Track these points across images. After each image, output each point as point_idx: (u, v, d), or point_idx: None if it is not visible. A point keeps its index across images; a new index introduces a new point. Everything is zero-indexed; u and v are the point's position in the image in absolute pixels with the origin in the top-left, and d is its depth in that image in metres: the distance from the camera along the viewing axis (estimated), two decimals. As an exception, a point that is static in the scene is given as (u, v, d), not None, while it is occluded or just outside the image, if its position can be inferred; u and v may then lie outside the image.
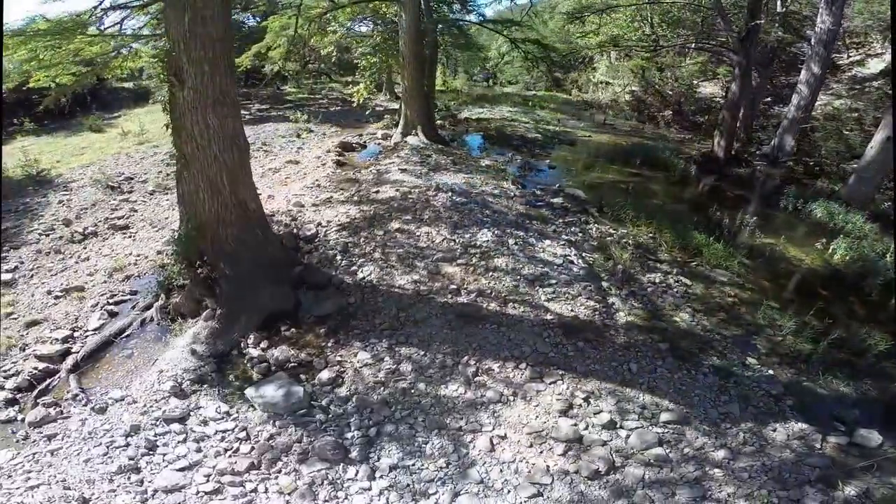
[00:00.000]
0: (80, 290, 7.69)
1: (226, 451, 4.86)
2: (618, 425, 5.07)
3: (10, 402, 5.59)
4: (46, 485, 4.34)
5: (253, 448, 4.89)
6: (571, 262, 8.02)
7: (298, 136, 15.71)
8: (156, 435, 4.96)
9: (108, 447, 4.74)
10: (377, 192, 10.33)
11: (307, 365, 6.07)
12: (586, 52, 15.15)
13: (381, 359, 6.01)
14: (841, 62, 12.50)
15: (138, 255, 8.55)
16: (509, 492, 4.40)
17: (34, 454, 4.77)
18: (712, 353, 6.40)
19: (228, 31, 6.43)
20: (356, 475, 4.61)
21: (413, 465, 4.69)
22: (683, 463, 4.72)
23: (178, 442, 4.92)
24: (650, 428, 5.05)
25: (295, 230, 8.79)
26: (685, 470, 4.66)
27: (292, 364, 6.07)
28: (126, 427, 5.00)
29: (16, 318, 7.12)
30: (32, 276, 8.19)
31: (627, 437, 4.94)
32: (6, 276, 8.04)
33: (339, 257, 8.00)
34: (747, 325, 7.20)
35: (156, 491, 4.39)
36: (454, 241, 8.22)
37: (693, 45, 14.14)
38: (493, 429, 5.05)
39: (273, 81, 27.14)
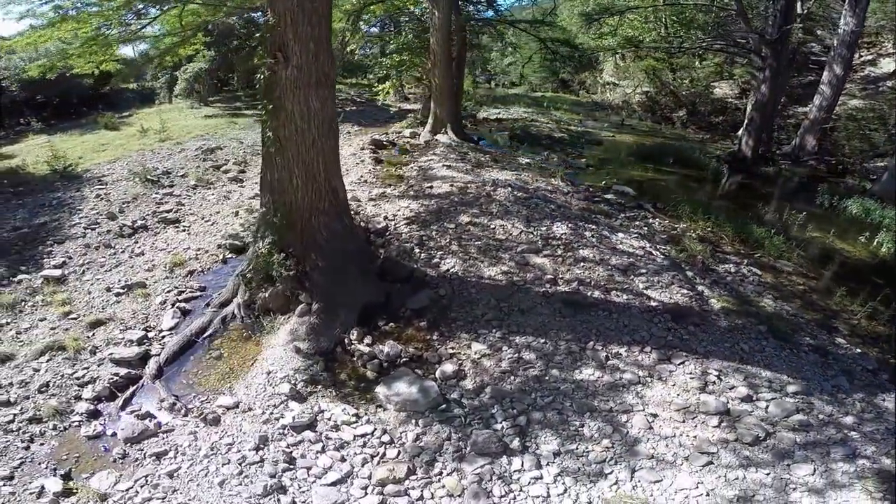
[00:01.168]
0: (142, 287, 6.84)
1: (372, 457, 4.27)
2: (754, 398, 5.01)
3: (93, 415, 4.84)
4: (180, 517, 3.63)
5: (401, 451, 4.34)
6: (651, 253, 7.72)
7: (325, 134, 14.87)
8: (289, 446, 4.32)
9: (240, 464, 4.06)
10: (430, 187, 9.78)
11: (418, 359, 5.54)
12: (604, 52, 14.92)
13: (498, 349, 5.56)
14: (853, 62, 12.63)
15: (198, 250, 7.74)
16: (682, 462, 4.24)
17: (147, 477, 4.07)
18: (804, 335, 6.34)
19: (331, 8, 5.77)
20: (522, 466, 4.19)
21: (576, 448, 4.35)
22: (823, 427, 4.70)
23: (317, 452, 4.30)
24: (783, 399, 5.00)
25: (363, 223, 8.14)
26: (829, 432, 4.64)
27: (404, 359, 5.52)
28: (253, 439, 4.33)
29: (76, 318, 6.25)
30: (84, 272, 7.27)
31: (766, 407, 4.90)
32: (55, 273, 7.07)
33: (416, 250, 7.44)
34: (823, 310, 7.15)
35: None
36: (531, 233, 7.78)
37: (715, 47, 14.17)
38: (643, 408, 4.82)
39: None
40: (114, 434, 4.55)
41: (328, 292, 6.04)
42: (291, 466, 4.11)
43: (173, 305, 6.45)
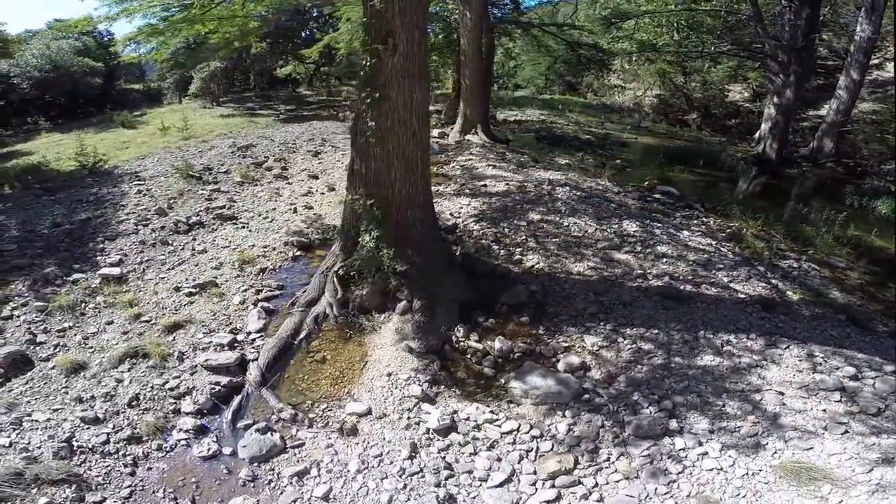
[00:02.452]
0: (214, 286, 6.18)
1: (528, 452, 3.91)
2: (859, 377, 4.94)
3: (200, 431, 4.20)
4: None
5: (554, 444, 4.01)
6: (720, 250, 7.53)
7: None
8: (440, 451, 3.88)
9: (401, 477, 3.60)
10: (484, 185, 9.39)
11: (531, 354, 5.19)
12: (622, 56, 14.80)
13: (613, 340, 5.31)
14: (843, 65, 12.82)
15: (264, 247, 7.10)
16: (823, 432, 4.18)
17: (296, 502, 3.53)
18: (877, 323, 6.30)
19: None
20: (685, 444, 4.00)
21: (727, 425, 4.21)
22: (933, 399, 4.59)
23: (470, 454, 3.88)
24: (885, 377, 4.92)
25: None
26: (942, 404, 4.53)
27: (517, 354, 5.16)
28: (404, 448, 3.87)
29: (149, 321, 5.57)
30: (144, 270, 6.54)
31: (874, 383, 4.84)
32: (114, 271, 6.32)
33: (494, 247, 7.05)
34: (883, 301, 7.13)
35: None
36: (605, 230, 7.49)
37: (730, 52, 14.24)
38: (769, 387, 4.69)
39: (286, 84, 25.17)
40: (233, 453, 3.92)
41: (427, 289, 5.56)
42: (452, 473, 3.69)
43: (255, 305, 5.81)
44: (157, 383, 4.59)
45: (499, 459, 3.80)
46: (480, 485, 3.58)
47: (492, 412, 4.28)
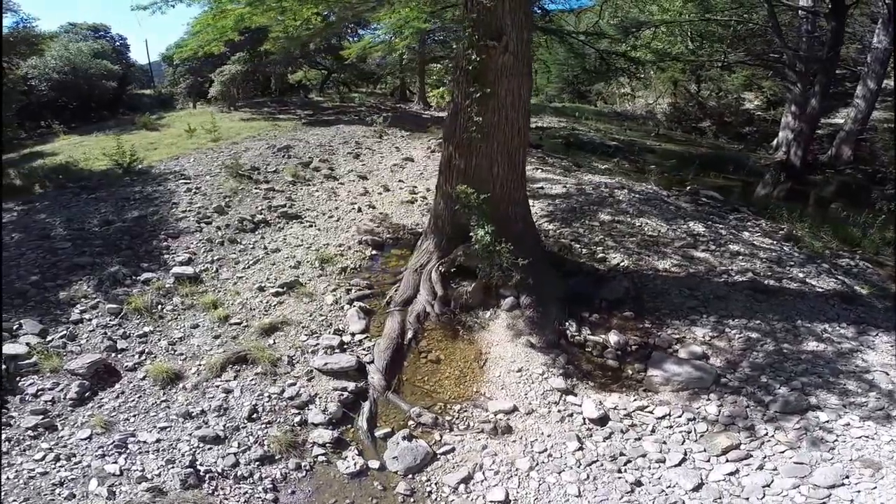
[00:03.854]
0: (299, 286, 5.74)
1: (688, 433, 3.87)
2: None
3: (338, 444, 3.78)
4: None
5: (708, 424, 3.98)
6: (783, 248, 7.47)
7: (381, 137, 13.91)
8: (604, 440, 3.77)
9: (581, 469, 3.40)
10: (540, 188, 9.22)
11: (645, 346, 5.07)
12: (641, 65, 14.84)
13: (721, 331, 5.26)
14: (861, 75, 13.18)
15: (339, 246, 6.73)
16: None
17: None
18: None
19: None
20: (828, 417, 4.07)
21: (855, 401, 4.27)
22: None
23: (634, 440, 3.81)
24: None
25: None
26: None
27: (633, 346, 5.03)
28: (569, 441, 3.72)
29: (240, 323, 5.12)
30: (218, 269, 6.06)
31: None
32: (187, 270, 5.84)
33: (576, 246, 6.81)
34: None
35: (686, 492, 3.32)
36: (676, 230, 7.39)
37: (748, 61, 14.49)
38: (876, 368, 4.72)
39: (298, 90, 24.64)
40: (381, 467, 3.52)
41: (532, 285, 5.25)
42: (628, 458, 3.58)
43: (350, 305, 5.41)
44: (272, 392, 4.15)
45: (664, 442, 3.75)
46: (659, 466, 3.51)
47: (632, 401, 4.18)
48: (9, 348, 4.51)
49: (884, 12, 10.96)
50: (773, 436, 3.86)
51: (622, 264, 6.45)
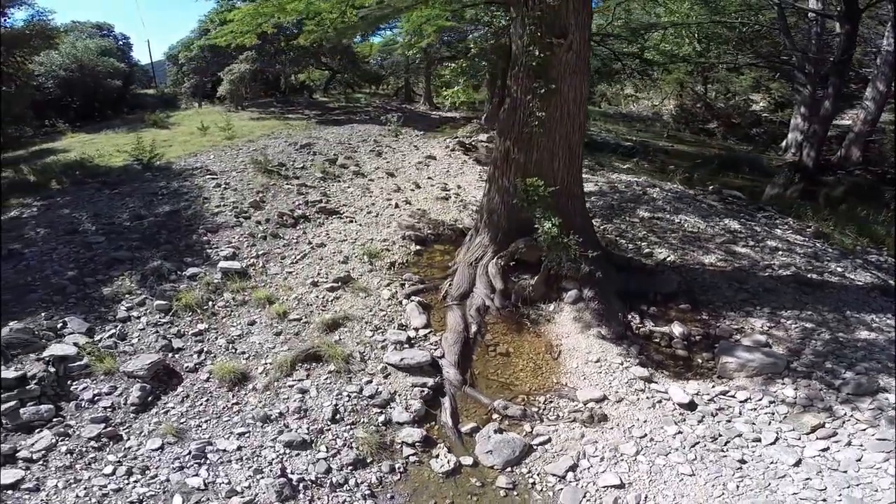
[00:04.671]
0: (352, 281, 5.59)
1: (772, 415, 3.94)
2: None
3: (426, 443, 3.60)
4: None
5: (789, 406, 4.03)
6: (816, 245, 7.53)
7: (397, 135, 13.78)
8: (698, 422, 3.78)
9: (687, 450, 3.45)
10: (568, 184, 9.11)
11: (707, 336, 5.09)
12: (652, 66, 14.93)
13: (777, 321, 5.34)
14: (870, 77, 13.45)
15: (384, 241, 6.59)
16: None
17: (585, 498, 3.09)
18: None
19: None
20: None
21: None
22: None
23: (726, 422, 3.82)
24: None
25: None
26: None
27: (696, 337, 5.04)
28: (667, 425, 3.67)
29: (299, 320, 4.92)
30: (265, 264, 5.87)
31: None
32: (234, 265, 5.64)
33: (622, 241, 6.80)
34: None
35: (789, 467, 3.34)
36: (714, 227, 7.46)
37: (759, 64, 14.65)
38: None
39: (302, 91, 24.37)
40: (475, 462, 3.38)
41: (593, 278, 5.18)
42: (727, 439, 3.59)
43: (408, 299, 5.27)
44: (350, 391, 3.99)
45: (753, 423, 3.77)
46: (756, 445, 3.54)
47: (711, 388, 4.18)
48: (56, 349, 4.24)
49: (892, 15, 11.20)
50: (851, 415, 3.93)
51: (669, 259, 6.44)
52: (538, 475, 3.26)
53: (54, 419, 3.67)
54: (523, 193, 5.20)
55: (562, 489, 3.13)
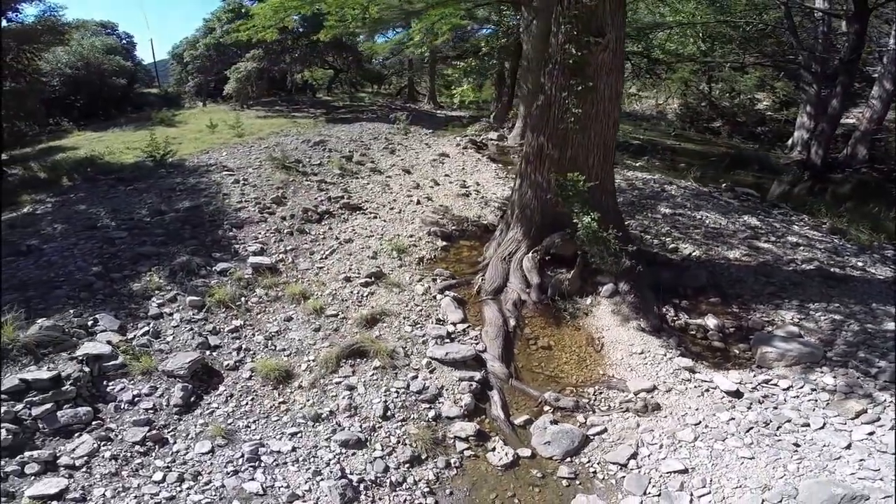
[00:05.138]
0: (383, 276, 5.53)
1: (815, 402, 3.96)
2: None
3: (480, 437, 3.52)
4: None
5: (831, 393, 4.05)
6: (834, 240, 7.62)
7: (406, 134, 13.73)
8: (747, 409, 3.83)
9: (744, 434, 3.46)
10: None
11: (740, 328, 5.13)
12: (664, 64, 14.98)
13: (806, 314, 5.38)
14: (875, 76, 13.58)
15: (410, 237, 6.57)
16: None
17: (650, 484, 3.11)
18: None
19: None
20: None
21: None
22: None
23: (773, 409, 3.86)
24: None
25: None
26: None
27: (730, 329, 5.09)
28: (719, 412, 3.71)
29: (337, 315, 4.91)
30: (294, 259, 5.81)
31: None
32: (264, 260, 5.59)
33: (647, 237, 6.81)
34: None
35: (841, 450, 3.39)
36: (735, 223, 7.52)
37: (769, 63, 14.79)
38: None
39: (305, 90, 24.26)
40: (532, 454, 3.36)
41: (629, 272, 5.18)
42: (777, 424, 3.61)
43: (442, 294, 5.23)
44: (398, 387, 3.93)
45: (798, 409, 3.79)
46: (806, 430, 3.57)
47: (756, 374, 4.23)
48: (90, 347, 4.06)
49: (897, 17, 11.39)
50: (891, 402, 3.96)
51: (694, 254, 6.47)
52: (598, 464, 3.25)
53: (93, 422, 3.51)
54: (559, 188, 5.19)
55: (624, 476, 3.12)
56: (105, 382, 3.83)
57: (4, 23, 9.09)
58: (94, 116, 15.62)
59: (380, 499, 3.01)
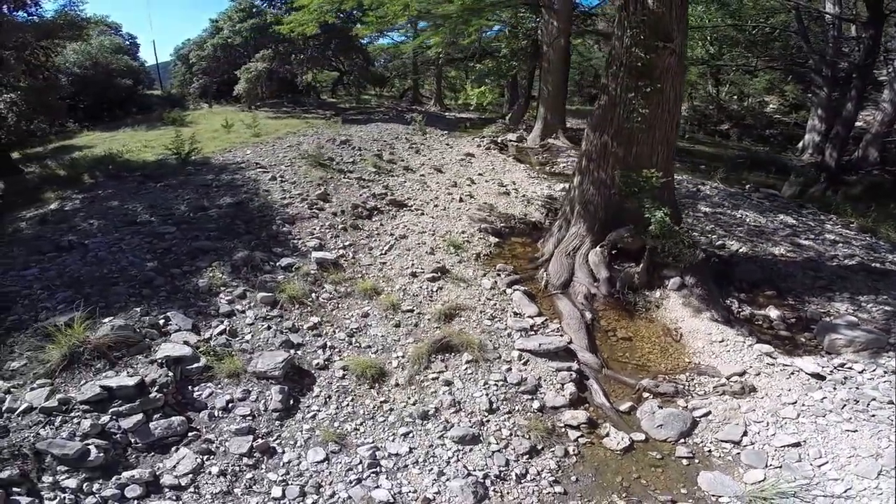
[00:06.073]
0: (447, 272, 5.64)
1: (890, 383, 4.09)
2: None
3: (590, 424, 3.61)
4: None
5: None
6: (867, 238, 7.96)
7: (424, 134, 13.88)
8: (834, 388, 4.00)
9: (840, 411, 3.66)
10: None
11: (800, 319, 5.39)
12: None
13: (859, 305, 5.67)
14: (881, 78, 14.19)
15: (462, 233, 6.65)
16: None
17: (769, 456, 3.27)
18: None
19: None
20: None
21: None
22: None
23: (854, 389, 4.04)
24: None
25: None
26: None
27: (790, 320, 5.34)
28: (811, 391, 3.94)
29: (413, 311, 4.98)
30: (354, 255, 5.85)
31: None
32: (328, 255, 5.67)
33: (694, 234, 7.01)
34: None
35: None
36: (773, 221, 7.80)
37: (775, 67, 15.31)
38: None
39: (308, 92, 24.26)
40: (646, 438, 3.49)
41: (694, 266, 5.37)
42: (866, 401, 3.81)
43: (510, 288, 5.33)
44: (495, 380, 3.99)
45: (877, 389, 3.95)
46: (891, 406, 3.70)
47: (829, 359, 4.46)
48: (169, 349, 3.78)
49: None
50: None
51: (741, 250, 6.71)
52: (711, 443, 3.40)
53: (189, 433, 3.26)
54: (625, 184, 5.38)
55: (739, 453, 3.29)
56: (189, 387, 3.59)
57: (23, 16, 8.97)
58: (97, 118, 15.40)
59: (507, 493, 3.04)
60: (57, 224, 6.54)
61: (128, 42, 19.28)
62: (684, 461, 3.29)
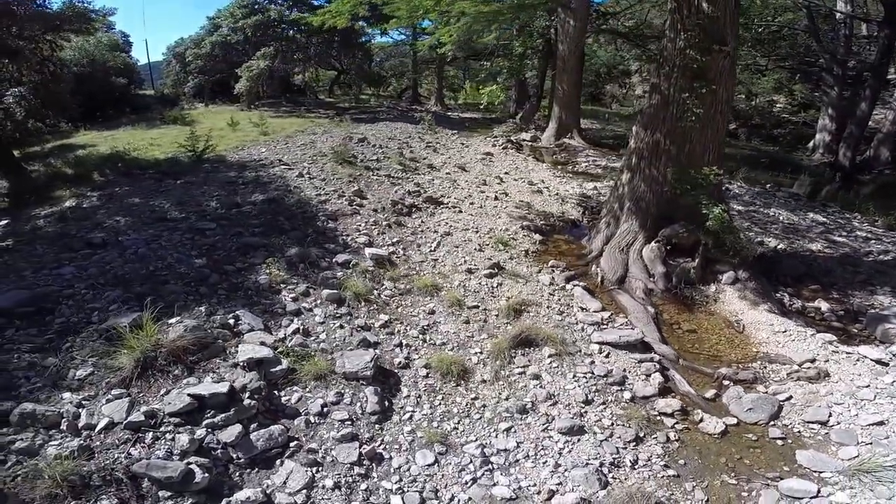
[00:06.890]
0: (502, 268, 5.89)
1: None
2: None
3: (681, 412, 3.82)
4: None
5: None
6: (892, 234, 8.45)
7: (436, 133, 14.18)
8: None
9: None
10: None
11: (848, 311, 5.75)
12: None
13: None
14: (890, 77, 14.95)
15: (505, 230, 6.91)
16: None
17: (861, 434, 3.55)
18: None
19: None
20: None
21: None
22: None
23: None
24: None
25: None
26: None
27: (839, 312, 5.72)
28: (881, 376, 4.20)
29: (478, 307, 5.14)
30: (404, 251, 6.07)
31: None
32: (380, 251, 5.87)
33: (728, 230, 7.40)
34: None
35: None
36: (804, 219, 8.26)
37: (785, 65, 16.05)
38: None
39: (306, 92, 24.34)
40: (737, 422, 3.77)
41: (747, 261, 5.73)
42: None
43: (569, 283, 5.61)
44: (583, 372, 4.21)
45: None
46: None
47: (885, 347, 4.75)
48: (249, 351, 3.65)
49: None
50: None
51: (780, 247, 7.12)
52: (800, 425, 3.71)
53: (290, 443, 3.15)
54: (678, 181, 5.73)
55: (828, 433, 3.59)
56: (276, 393, 3.48)
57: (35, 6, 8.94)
58: (91, 117, 15.22)
59: (626, 478, 3.25)
60: (79, 221, 6.50)
61: (122, 40, 19.12)
62: (779, 442, 3.57)
